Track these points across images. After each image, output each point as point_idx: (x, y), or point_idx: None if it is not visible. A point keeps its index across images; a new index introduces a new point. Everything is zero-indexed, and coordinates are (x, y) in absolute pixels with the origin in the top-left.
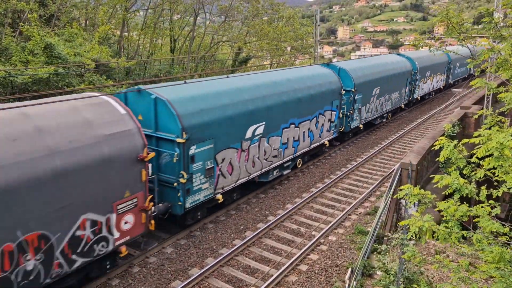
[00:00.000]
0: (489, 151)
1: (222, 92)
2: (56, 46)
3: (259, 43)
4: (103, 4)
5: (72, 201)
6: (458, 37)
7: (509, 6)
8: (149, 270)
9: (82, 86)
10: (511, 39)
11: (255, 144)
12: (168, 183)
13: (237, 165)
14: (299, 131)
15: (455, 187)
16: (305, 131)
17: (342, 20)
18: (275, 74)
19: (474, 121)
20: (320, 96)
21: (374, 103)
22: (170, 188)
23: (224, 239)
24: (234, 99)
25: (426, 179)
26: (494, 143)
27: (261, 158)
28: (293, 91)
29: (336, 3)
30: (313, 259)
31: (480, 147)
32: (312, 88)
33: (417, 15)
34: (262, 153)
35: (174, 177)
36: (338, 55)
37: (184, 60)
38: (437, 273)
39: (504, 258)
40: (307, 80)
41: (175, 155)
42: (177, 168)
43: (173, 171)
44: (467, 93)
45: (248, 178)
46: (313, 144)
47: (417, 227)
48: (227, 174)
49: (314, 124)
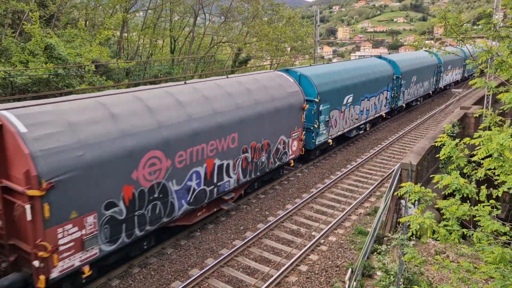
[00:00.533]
0: (489, 152)
1: (332, 72)
2: (56, 47)
3: (259, 44)
4: (103, 5)
5: (277, 128)
6: (457, 37)
7: (509, 7)
8: (149, 271)
9: (82, 86)
10: (508, 39)
11: (347, 108)
12: (307, 128)
13: (339, 121)
14: (370, 103)
15: (455, 187)
16: (372, 104)
17: (342, 21)
18: (354, 62)
19: (474, 121)
20: (381, 79)
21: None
22: (308, 131)
23: (224, 239)
24: (340, 77)
25: (426, 179)
26: (494, 144)
27: (349, 119)
28: (367, 74)
29: (336, 4)
30: (313, 259)
31: (480, 148)
32: (377, 73)
33: (417, 15)
34: (350, 115)
35: (311, 124)
36: (338, 55)
37: (184, 60)
38: (437, 274)
39: (504, 259)
40: (373, 67)
41: (313, 110)
42: (313, 118)
43: (310, 120)
44: (467, 93)
45: (342, 132)
46: (376, 114)
47: (418, 224)
48: (333, 127)
49: (378, 99)
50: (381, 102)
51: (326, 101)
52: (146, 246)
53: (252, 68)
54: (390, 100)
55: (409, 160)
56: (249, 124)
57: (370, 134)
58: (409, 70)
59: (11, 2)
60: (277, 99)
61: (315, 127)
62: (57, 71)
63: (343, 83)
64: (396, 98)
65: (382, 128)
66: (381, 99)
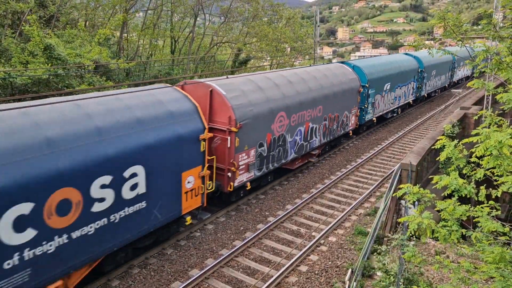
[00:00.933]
0: (487, 150)
1: (376, 64)
2: (56, 47)
3: (259, 44)
4: (103, 5)
5: (343, 105)
6: (456, 37)
7: (509, 7)
8: (149, 271)
9: (82, 87)
10: (509, 40)
11: (386, 94)
12: (360, 107)
13: (380, 104)
14: (401, 91)
15: (454, 187)
16: (403, 92)
17: (342, 21)
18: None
19: (474, 121)
20: (409, 72)
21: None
22: (360, 109)
23: (224, 240)
24: (382, 68)
25: (426, 179)
26: (493, 141)
27: (388, 103)
28: (399, 67)
29: (336, 4)
30: (313, 260)
31: (478, 145)
32: (406, 67)
33: (416, 15)
34: (388, 100)
35: (362, 104)
36: (338, 55)
37: (184, 61)
38: (437, 274)
39: (504, 259)
40: (403, 62)
41: (364, 93)
42: (364, 100)
43: (362, 101)
44: (467, 93)
45: (382, 113)
46: (406, 101)
47: (416, 224)
48: (376, 108)
49: (407, 88)
50: (409, 91)
51: (373, 87)
52: (270, 179)
53: (252, 68)
54: (415, 90)
55: (409, 160)
56: (329, 100)
57: (370, 135)
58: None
59: (10, 3)
60: (343, 83)
61: (365, 107)
62: (57, 72)
63: (384, 73)
64: (420, 89)
65: (382, 129)
66: (409, 88)
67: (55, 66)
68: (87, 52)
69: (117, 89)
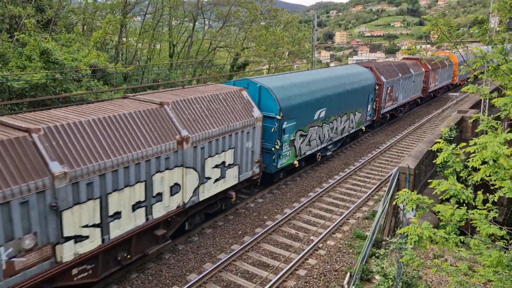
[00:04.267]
0: (484, 159)
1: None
2: (53, 52)
3: (257, 49)
4: (101, 9)
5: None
6: (450, 42)
7: (504, 12)
8: (147, 276)
9: (79, 91)
10: (501, 45)
11: (394, 93)
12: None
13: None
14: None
15: (452, 192)
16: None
17: (339, 25)
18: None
19: (471, 125)
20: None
21: None
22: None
23: (222, 244)
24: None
25: (424, 183)
26: (489, 152)
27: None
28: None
29: (333, 8)
30: (311, 263)
31: (475, 156)
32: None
33: (413, 19)
34: (396, 97)
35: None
36: (336, 59)
37: (182, 65)
38: (435, 277)
39: (502, 263)
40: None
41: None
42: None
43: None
44: (464, 97)
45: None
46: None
47: (417, 235)
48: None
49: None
50: (416, 86)
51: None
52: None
53: (250, 72)
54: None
55: (407, 164)
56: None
57: (368, 138)
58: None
59: (8, 7)
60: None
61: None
62: (54, 76)
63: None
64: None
65: (380, 132)
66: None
67: (52, 70)
68: (84, 56)
69: (115, 92)
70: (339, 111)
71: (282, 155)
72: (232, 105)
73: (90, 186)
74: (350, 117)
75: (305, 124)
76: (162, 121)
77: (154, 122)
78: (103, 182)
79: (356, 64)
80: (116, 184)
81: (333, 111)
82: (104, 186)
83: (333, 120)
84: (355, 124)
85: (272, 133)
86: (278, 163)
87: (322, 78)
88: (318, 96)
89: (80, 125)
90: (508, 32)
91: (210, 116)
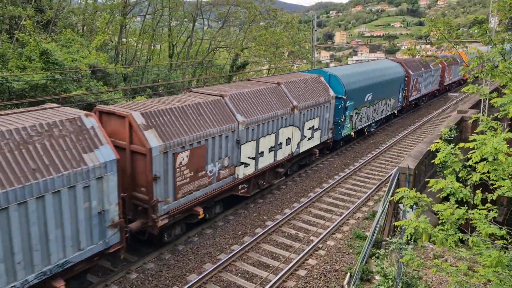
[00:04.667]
0: (483, 156)
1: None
2: (52, 52)
3: (257, 49)
4: (101, 9)
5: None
6: (450, 42)
7: (503, 12)
8: (146, 276)
9: (79, 91)
10: (500, 46)
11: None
12: None
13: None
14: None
15: (450, 191)
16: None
17: (339, 25)
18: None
19: (471, 125)
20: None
21: None
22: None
23: (222, 244)
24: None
25: (424, 183)
26: (489, 148)
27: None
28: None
29: (333, 8)
30: (311, 264)
31: (474, 152)
32: None
33: (413, 20)
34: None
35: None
36: (336, 59)
37: (182, 65)
38: (435, 277)
39: (502, 262)
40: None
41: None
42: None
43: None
44: (464, 97)
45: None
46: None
47: (413, 228)
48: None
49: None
50: (435, 80)
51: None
52: None
53: (250, 73)
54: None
55: (407, 164)
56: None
57: (368, 139)
58: None
59: (8, 7)
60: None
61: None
62: (54, 76)
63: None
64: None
65: (380, 133)
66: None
67: (52, 70)
68: (84, 57)
69: (113, 93)
70: (380, 96)
71: (345, 127)
72: (316, 87)
73: (253, 131)
74: (387, 102)
75: (359, 104)
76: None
77: (277, 96)
78: (259, 130)
79: (389, 60)
80: (263, 132)
81: (377, 96)
82: (258, 132)
83: (376, 103)
84: (390, 108)
85: (339, 109)
86: (342, 133)
87: (370, 69)
88: (368, 83)
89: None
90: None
91: (306, 93)
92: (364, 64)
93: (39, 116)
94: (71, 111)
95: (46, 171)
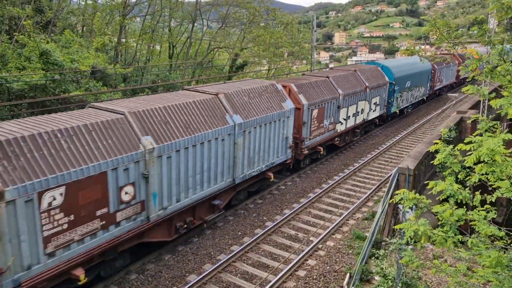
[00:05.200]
0: (480, 157)
1: None
2: (52, 53)
3: (257, 49)
4: (100, 10)
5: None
6: (449, 43)
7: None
8: (146, 277)
9: (78, 92)
10: (500, 46)
11: (438, 77)
12: None
13: (443, 76)
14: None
15: (449, 193)
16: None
17: (339, 26)
18: None
19: (470, 126)
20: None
21: None
22: None
23: (221, 245)
24: None
25: (423, 184)
26: (485, 149)
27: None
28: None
29: (333, 9)
30: (311, 264)
31: (471, 153)
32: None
33: (412, 20)
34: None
35: None
36: (335, 60)
37: (182, 66)
38: (435, 278)
39: (501, 263)
40: None
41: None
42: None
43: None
44: (463, 97)
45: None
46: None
47: (412, 231)
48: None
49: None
50: (453, 74)
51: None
52: None
53: (249, 73)
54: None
55: (407, 164)
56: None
57: (367, 139)
58: None
59: (7, 8)
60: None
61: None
62: (53, 77)
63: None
64: None
65: (379, 133)
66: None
67: (52, 71)
68: (83, 58)
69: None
70: (415, 84)
71: (393, 105)
72: (377, 74)
73: (345, 100)
74: (419, 90)
75: (402, 89)
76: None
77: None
78: (349, 99)
79: None
80: (350, 102)
81: (413, 83)
82: (349, 101)
83: (412, 89)
84: (421, 94)
85: (390, 92)
86: (391, 110)
87: (409, 62)
88: (408, 73)
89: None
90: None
91: (373, 78)
92: (405, 58)
93: (257, 84)
94: (268, 82)
95: (270, 111)
